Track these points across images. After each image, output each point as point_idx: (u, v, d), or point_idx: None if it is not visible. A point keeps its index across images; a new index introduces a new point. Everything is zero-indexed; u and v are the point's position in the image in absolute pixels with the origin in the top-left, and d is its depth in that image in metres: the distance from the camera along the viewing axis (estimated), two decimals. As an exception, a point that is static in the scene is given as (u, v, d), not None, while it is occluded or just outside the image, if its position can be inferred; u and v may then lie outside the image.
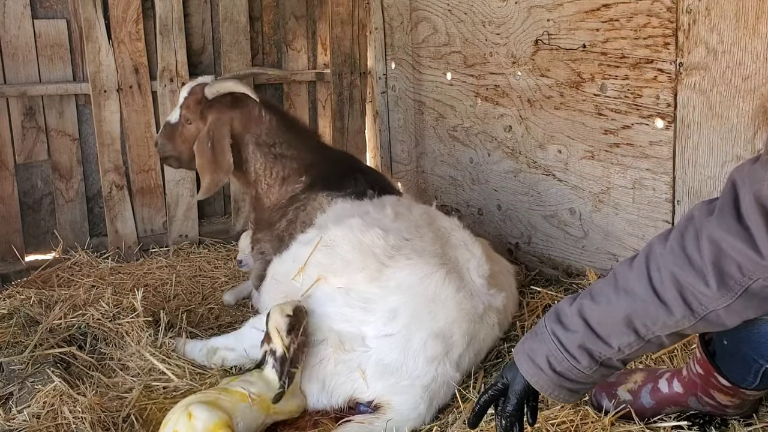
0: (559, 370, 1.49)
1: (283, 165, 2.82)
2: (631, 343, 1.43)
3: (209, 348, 2.33)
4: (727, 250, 1.26)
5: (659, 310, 1.37)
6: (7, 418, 2.01)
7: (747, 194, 1.23)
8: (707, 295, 1.31)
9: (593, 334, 1.44)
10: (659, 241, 1.40)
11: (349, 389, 2.07)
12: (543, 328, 1.53)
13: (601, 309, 1.44)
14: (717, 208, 1.29)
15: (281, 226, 2.77)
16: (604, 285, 1.47)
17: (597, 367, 1.48)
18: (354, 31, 3.82)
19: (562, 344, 1.47)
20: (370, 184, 2.76)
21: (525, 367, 1.54)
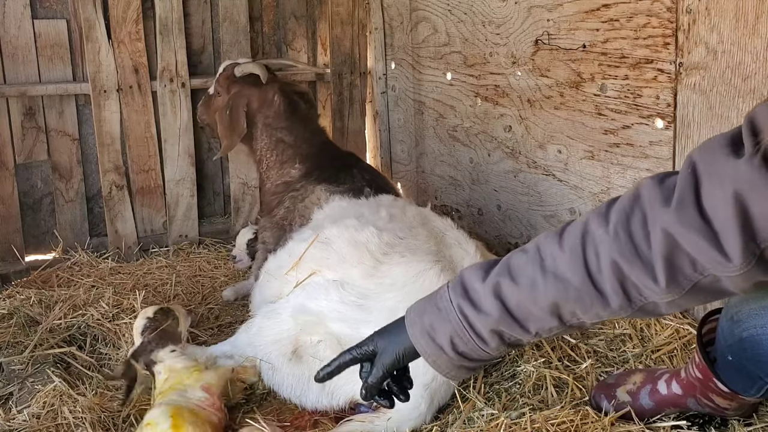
0: (461, 350, 1.34)
1: (282, 150, 3.05)
2: (551, 328, 1.30)
3: (208, 357, 2.33)
4: (683, 246, 1.12)
5: (594, 300, 1.22)
6: (7, 418, 2.01)
7: (716, 188, 1.09)
8: (652, 290, 1.17)
9: (510, 318, 1.28)
10: (598, 221, 1.22)
11: (349, 390, 2.07)
12: (448, 304, 1.34)
13: (523, 292, 1.26)
14: (675, 198, 1.13)
15: (279, 213, 2.95)
16: (526, 264, 1.28)
17: (504, 349, 1.34)
18: (354, 31, 3.82)
19: (471, 326, 1.30)
20: (368, 181, 2.87)
21: (422, 344, 1.36)
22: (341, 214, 2.57)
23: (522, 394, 2.08)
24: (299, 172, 3.00)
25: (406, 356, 1.41)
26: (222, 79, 3.15)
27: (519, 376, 2.17)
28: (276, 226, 2.95)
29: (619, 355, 2.25)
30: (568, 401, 2.00)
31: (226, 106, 3.05)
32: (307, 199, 2.87)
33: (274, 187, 3.05)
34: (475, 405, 2.03)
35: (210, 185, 3.81)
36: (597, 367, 2.18)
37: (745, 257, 1.08)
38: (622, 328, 2.36)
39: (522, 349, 2.30)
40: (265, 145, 3.07)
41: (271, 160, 3.07)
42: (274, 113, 3.07)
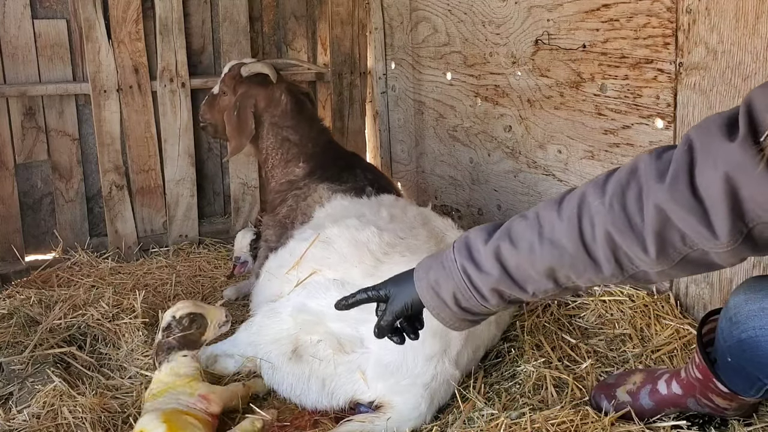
0: (464, 306, 1.43)
1: (287, 149, 3.06)
2: (547, 290, 1.37)
3: (208, 356, 2.33)
4: (674, 221, 1.17)
5: (587, 266, 1.29)
6: (7, 418, 2.01)
7: (709, 168, 1.12)
8: (643, 260, 1.23)
9: (509, 279, 1.36)
10: (595, 191, 1.27)
11: (349, 390, 2.07)
12: (452, 263, 1.42)
13: (522, 255, 1.34)
14: (669, 174, 1.16)
15: (282, 211, 2.96)
16: (526, 229, 1.35)
17: (505, 305, 1.44)
18: (354, 31, 3.82)
19: (473, 284, 1.39)
20: (370, 181, 2.88)
21: (428, 298, 1.47)
22: (342, 213, 2.58)
23: (522, 394, 2.08)
24: (303, 171, 3.02)
25: (413, 306, 1.51)
26: (228, 79, 3.15)
27: (519, 376, 2.17)
28: (278, 224, 2.97)
29: (619, 355, 2.25)
30: (568, 401, 2.00)
31: (234, 107, 3.06)
32: (310, 197, 2.89)
33: (278, 186, 3.07)
34: (475, 405, 2.03)
35: (210, 185, 3.81)
36: (597, 367, 2.18)
37: (732, 236, 1.13)
38: (622, 328, 2.36)
39: (522, 349, 2.30)
40: (271, 144, 3.08)
41: (276, 159, 3.08)
42: (281, 112, 3.08)
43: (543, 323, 2.45)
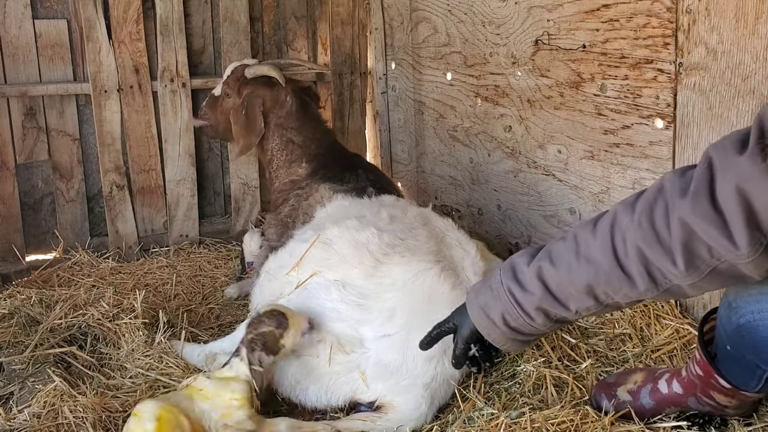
0: (513, 326, 1.52)
1: (291, 150, 3.09)
2: (589, 307, 1.45)
3: (207, 353, 2.33)
4: (699, 234, 1.23)
5: (622, 282, 1.36)
6: (7, 417, 2.01)
7: (726, 182, 1.19)
8: (674, 273, 1.30)
9: (552, 298, 1.45)
10: (625, 210, 1.36)
11: (349, 390, 2.07)
12: (499, 285, 1.52)
13: (561, 275, 1.42)
14: (691, 190, 1.24)
15: (284, 211, 2.98)
16: (564, 249, 1.44)
17: (551, 324, 1.51)
18: (354, 32, 3.83)
19: (519, 304, 1.48)
20: (371, 181, 2.89)
21: (479, 320, 1.57)
22: (343, 214, 2.58)
23: (522, 394, 2.08)
24: (306, 171, 3.04)
25: (476, 331, 1.60)
26: (231, 80, 3.15)
27: (519, 375, 2.18)
28: (280, 224, 2.98)
29: (619, 355, 2.25)
30: (568, 401, 2.00)
31: (241, 107, 3.07)
32: (311, 197, 2.91)
33: (281, 185, 3.09)
34: (475, 405, 2.03)
35: (210, 185, 3.81)
36: (597, 367, 2.18)
37: (752, 246, 1.18)
38: (622, 328, 2.36)
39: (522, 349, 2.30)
40: (276, 145, 3.09)
41: (281, 159, 3.10)
42: (286, 113, 3.10)
43: (543, 323, 2.45)
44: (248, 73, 3.10)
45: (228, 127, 3.19)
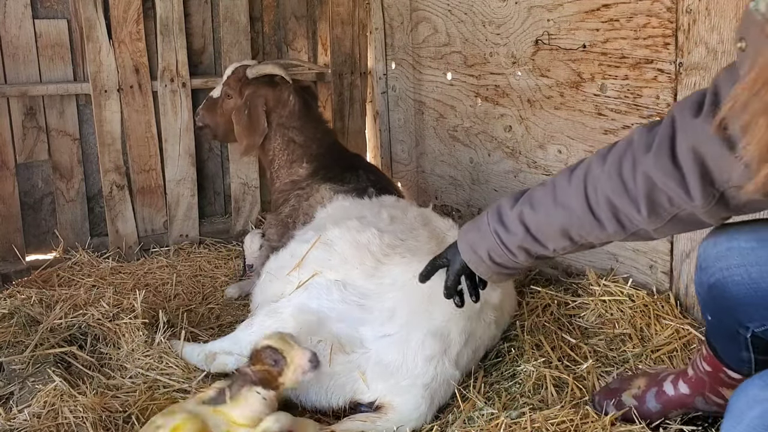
0: (498, 261, 1.67)
1: (292, 150, 3.08)
2: (565, 246, 1.59)
3: (207, 353, 2.33)
4: (660, 186, 1.37)
5: (593, 226, 1.50)
6: (7, 417, 2.01)
7: (684, 141, 1.33)
8: (638, 219, 1.44)
9: (532, 238, 1.59)
10: (598, 162, 1.49)
11: (349, 390, 2.07)
12: (486, 226, 1.67)
13: (540, 218, 1.57)
14: (655, 146, 1.37)
15: (285, 211, 2.97)
16: (543, 195, 1.58)
17: (533, 260, 1.66)
18: (354, 31, 3.82)
19: (503, 242, 1.63)
20: (372, 182, 2.89)
21: (468, 255, 1.72)
22: (343, 214, 2.59)
23: (522, 394, 2.08)
24: (306, 171, 3.04)
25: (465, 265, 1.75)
26: (233, 81, 3.14)
27: (519, 375, 2.18)
28: (281, 224, 2.99)
29: (619, 355, 2.25)
30: (568, 401, 2.00)
31: (244, 107, 3.06)
32: (312, 197, 2.91)
33: (282, 185, 3.09)
34: (475, 404, 2.04)
35: (210, 185, 3.81)
36: (597, 367, 2.18)
37: (706, 198, 1.33)
38: (622, 328, 2.36)
39: (522, 349, 2.30)
40: (278, 145, 3.09)
41: (282, 159, 3.10)
42: (288, 113, 3.10)
43: (543, 323, 2.46)
44: (250, 73, 3.09)
45: (229, 128, 3.18)
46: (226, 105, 3.18)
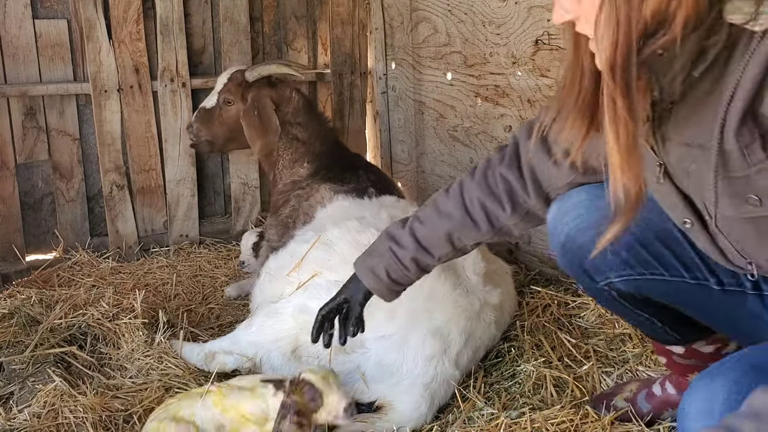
0: (394, 278, 1.84)
1: (296, 148, 3.07)
2: (447, 252, 1.82)
3: (207, 353, 2.33)
4: (514, 187, 1.72)
5: (470, 227, 1.78)
6: (7, 417, 2.01)
7: (523, 156, 1.70)
8: (504, 216, 1.74)
9: (422, 249, 1.82)
10: (468, 177, 1.81)
11: (349, 391, 2.07)
12: (382, 248, 1.87)
13: (427, 229, 1.81)
14: (507, 155, 1.73)
15: (285, 212, 2.96)
16: (428, 211, 1.84)
17: (419, 272, 1.86)
18: (354, 31, 3.82)
19: (398, 258, 1.83)
20: (372, 182, 2.88)
21: (368, 279, 1.87)
22: (343, 214, 2.59)
23: (522, 394, 2.09)
24: (307, 171, 3.03)
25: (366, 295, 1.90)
26: (232, 87, 3.12)
27: (519, 375, 2.18)
28: (281, 224, 2.98)
29: (619, 355, 2.25)
30: (568, 401, 2.01)
31: (252, 109, 3.04)
32: (312, 197, 2.90)
33: (283, 186, 3.08)
34: (475, 405, 2.04)
35: (210, 185, 3.81)
36: (597, 367, 2.18)
37: (537, 197, 1.70)
38: (621, 328, 2.37)
39: (522, 349, 2.30)
40: (282, 144, 3.08)
41: (285, 159, 3.08)
42: (292, 110, 3.09)
43: (543, 323, 2.46)
44: (250, 76, 3.07)
45: (231, 136, 3.16)
46: (226, 113, 3.15)
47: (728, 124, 1.14)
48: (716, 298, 1.52)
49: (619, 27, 1.09)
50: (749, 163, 1.14)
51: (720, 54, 1.14)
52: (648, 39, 1.10)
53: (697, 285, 1.54)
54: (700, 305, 1.58)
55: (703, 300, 1.55)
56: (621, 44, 1.09)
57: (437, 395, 2.05)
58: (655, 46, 1.10)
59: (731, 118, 1.13)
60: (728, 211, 1.23)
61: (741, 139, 1.13)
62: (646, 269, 1.58)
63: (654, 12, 1.07)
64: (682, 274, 1.55)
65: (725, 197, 1.21)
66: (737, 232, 1.28)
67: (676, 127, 1.25)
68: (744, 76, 1.11)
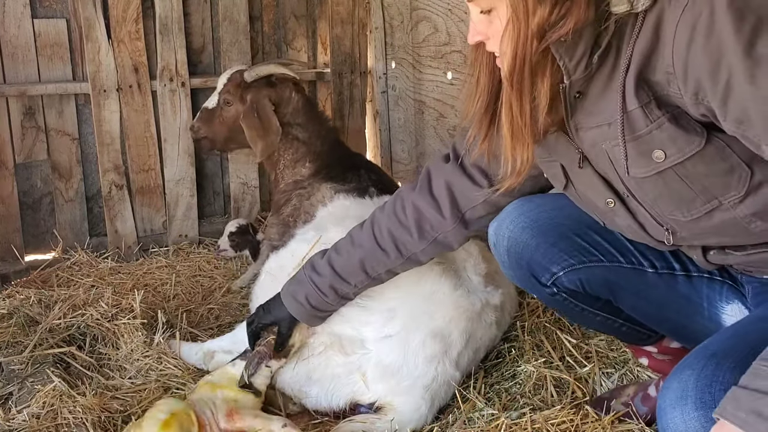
0: (314, 304, 1.99)
1: (296, 148, 3.06)
2: (362, 280, 1.96)
3: (205, 352, 2.32)
4: (424, 213, 1.86)
5: (381, 255, 1.92)
6: (6, 418, 2.01)
7: (437, 179, 1.84)
8: (411, 243, 1.89)
9: (338, 277, 1.96)
10: (379, 210, 1.96)
11: (349, 391, 2.07)
12: (303, 276, 2.02)
13: (342, 259, 1.96)
14: (419, 183, 1.88)
15: (286, 211, 2.95)
16: (344, 242, 1.99)
17: (339, 300, 2.00)
18: (354, 31, 3.82)
19: (317, 286, 1.97)
20: (373, 181, 2.89)
21: (290, 304, 2.01)
22: (344, 214, 2.59)
23: (522, 394, 2.08)
24: (309, 171, 3.02)
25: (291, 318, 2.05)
26: (232, 87, 3.09)
27: (519, 376, 2.18)
28: (282, 224, 2.97)
29: (619, 356, 2.25)
30: (568, 401, 2.00)
31: (252, 110, 3.02)
32: (313, 197, 2.90)
33: (285, 186, 3.07)
34: (475, 405, 2.03)
35: (210, 185, 3.80)
36: (599, 368, 2.18)
37: (454, 218, 1.83)
38: (622, 328, 2.36)
39: (522, 349, 2.30)
40: (283, 145, 3.06)
41: (287, 159, 3.07)
42: (292, 109, 3.07)
43: (543, 323, 2.45)
44: (248, 76, 3.05)
45: (231, 136, 3.14)
46: (226, 113, 3.13)
47: (627, 88, 1.31)
48: (651, 282, 1.70)
49: (518, 43, 1.30)
50: (650, 119, 1.30)
51: (612, 39, 1.32)
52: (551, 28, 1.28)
53: (632, 269, 1.71)
54: (637, 290, 1.73)
55: (639, 284, 1.72)
56: (518, 57, 1.31)
57: (437, 396, 2.05)
58: (557, 34, 1.28)
59: (629, 83, 1.31)
60: (639, 172, 1.37)
61: (640, 98, 1.30)
62: (585, 257, 1.73)
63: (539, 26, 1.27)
64: (618, 259, 1.72)
65: (634, 159, 1.36)
66: (650, 193, 1.41)
67: (586, 115, 1.42)
68: (635, 50, 1.29)
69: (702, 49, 1.19)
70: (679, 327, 1.75)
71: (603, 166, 1.46)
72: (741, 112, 1.18)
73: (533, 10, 1.26)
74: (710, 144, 1.29)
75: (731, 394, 1.12)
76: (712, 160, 1.30)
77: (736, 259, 1.50)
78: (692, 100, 1.25)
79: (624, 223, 1.54)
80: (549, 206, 1.77)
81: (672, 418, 1.25)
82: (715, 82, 1.18)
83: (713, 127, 1.28)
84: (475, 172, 1.79)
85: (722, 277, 1.65)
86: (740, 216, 1.36)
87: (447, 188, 1.82)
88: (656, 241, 1.53)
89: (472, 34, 1.41)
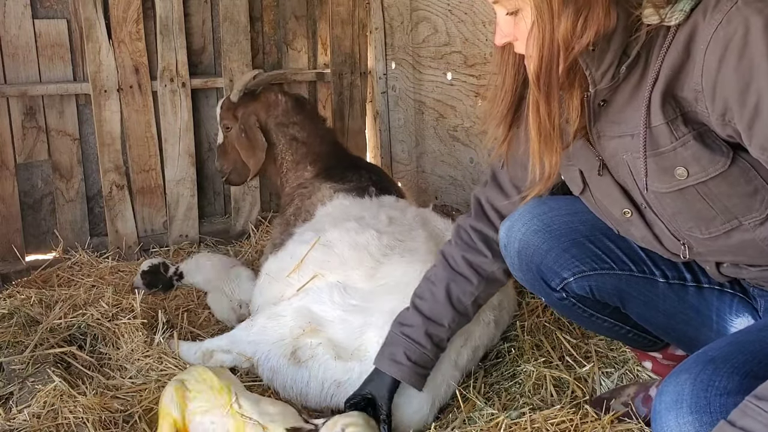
0: (414, 359, 1.90)
1: (296, 148, 3.05)
2: (453, 318, 1.91)
3: (204, 351, 2.32)
4: (486, 234, 1.88)
5: (463, 282, 1.90)
6: (7, 417, 2.01)
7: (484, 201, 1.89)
8: (487, 263, 1.89)
9: (430, 321, 1.91)
10: (446, 245, 1.98)
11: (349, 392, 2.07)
12: (393, 336, 1.94)
13: (428, 301, 1.92)
14: (472, 210, 1.93)
15: (289, 211, 2.95)
16: (422, 285, 1.97)
17: (435, 349, 1.92)
18: (354, 31, 3.82)
19: (412, 338, 1.90)
20: (373, 181, 2.89)
21: (391, 369, 1.90)
22: (343, 213, 2.59)
23: (522, 394, 2.08)
24: (311, 174, 3.02)
25: (391, 389, 1.92)
26: (224, 113, 3.13)
27: (519, 375, 2.18)
28: (284, 223, 2.97)
29: (619, 356, 2.25)
30: (568, 401, 2.01)
31: (240, 131, 3.04)
32: (314, 196, 2.89)
33: (289, 189, 3.07)
34: (475, 405, 2.03)
35: (210, 185, 3.81)
36: (598, 368, 2.18)
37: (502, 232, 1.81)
38: (622, 328, 2.36)
39: (522, 349, 2.30)
40: (283, 147, 3.05)
41: (288, 162, 3.06)
42: (282, 111, 3.07)
43: (543, 323, 2.45)
44: (233, 96, 3.08)
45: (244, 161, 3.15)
46: (231, 139, 3.14)
47: (653, 103, 1.29)
48: (662, 292, 1.67)
49: (543, 45, 1.29)
50: (675, 136, 1.28)
51: (641, 50, 1.30)
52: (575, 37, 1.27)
53: (644, 279, 1.68)
54: (647, 300, 1.70)
55: (649, 294, 1.69)
56: (545, 59, 1.30)
57: (437, 396, 2.05)
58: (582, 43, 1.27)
59: (655, 97, 1.28)
60: (659, 187, 1.35)
61: (666, 113, 1.28)
62: (596, 264, 1.69)
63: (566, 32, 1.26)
64: (630, 268, 1.69)
65: (655, 173, 1.34)
66: (669, 208, 1.39)
67: (609, 124, 1.41)
68: (664, 64, 1.27)
69: (733, 69, 1.16)
70: (687, 338, 1.73)
71: (623, 175, 1.45)
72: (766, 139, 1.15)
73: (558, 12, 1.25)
74: (735, 165, 1.27)
75: (718, 428, 1.12)
76: (736, 182, 1.28)
77: (749, 273, 1.49)
78: (719, 120, 1.22)
79: (639, 234, 1.53)
80: (563, 210, 1.75)
81: (666, 422, 1.24)
82: (743, 104, 1.16)
83: (740, 147, 1.26)
84: (506, 184, 1.83)
85: (733, 290, 1.62)
86: (760, 238, 1.34)
87: (491, 206, 1.87)
88: (671, 254, 1.52)
89: (499, 36, 1.43)
